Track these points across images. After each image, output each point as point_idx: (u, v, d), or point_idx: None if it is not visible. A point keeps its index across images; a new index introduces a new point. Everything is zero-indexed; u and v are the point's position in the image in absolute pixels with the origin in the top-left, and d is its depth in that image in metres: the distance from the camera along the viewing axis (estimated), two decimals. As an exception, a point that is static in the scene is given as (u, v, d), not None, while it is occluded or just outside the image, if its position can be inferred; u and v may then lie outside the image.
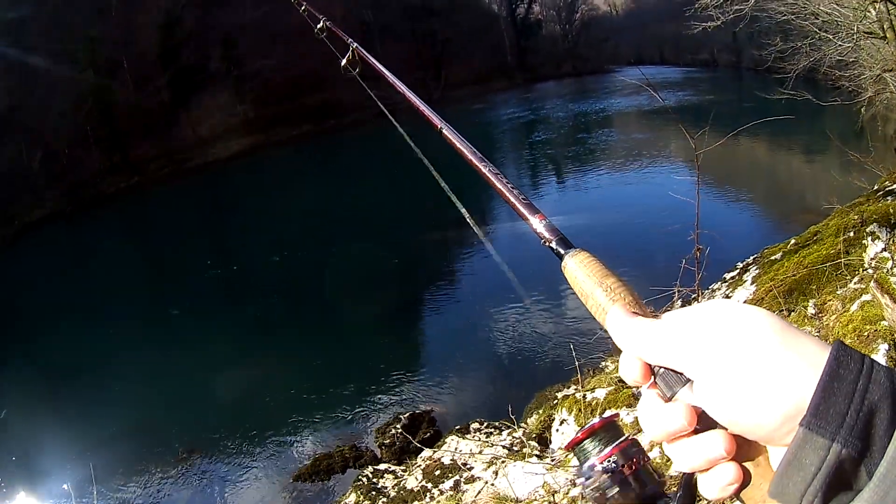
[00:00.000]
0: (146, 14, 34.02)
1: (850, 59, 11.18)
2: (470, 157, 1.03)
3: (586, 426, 0.63)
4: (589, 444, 0.63)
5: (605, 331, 0.63)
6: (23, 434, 9.85)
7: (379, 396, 9.18)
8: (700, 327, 0.54)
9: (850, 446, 0.44)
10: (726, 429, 0.52)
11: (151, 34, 34.18)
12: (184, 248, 19.56)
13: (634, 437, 0.62)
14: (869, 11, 8.67)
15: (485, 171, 0.96)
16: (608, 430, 0.63)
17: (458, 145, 1.09)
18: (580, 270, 0.69)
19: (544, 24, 69.88)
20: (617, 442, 0.62)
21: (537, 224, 0.81)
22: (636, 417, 0.60)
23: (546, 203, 19.25)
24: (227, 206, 26.91)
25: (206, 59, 36.73)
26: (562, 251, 0.74)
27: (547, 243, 0.78)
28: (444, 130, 1.20)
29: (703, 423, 0.53)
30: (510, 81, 58.17)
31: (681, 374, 0.55)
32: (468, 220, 1.44)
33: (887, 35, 8.48)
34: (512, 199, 0.88)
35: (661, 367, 0.57)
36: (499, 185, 0.91)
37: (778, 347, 0.50)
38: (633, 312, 0.62)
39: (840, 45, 10.54)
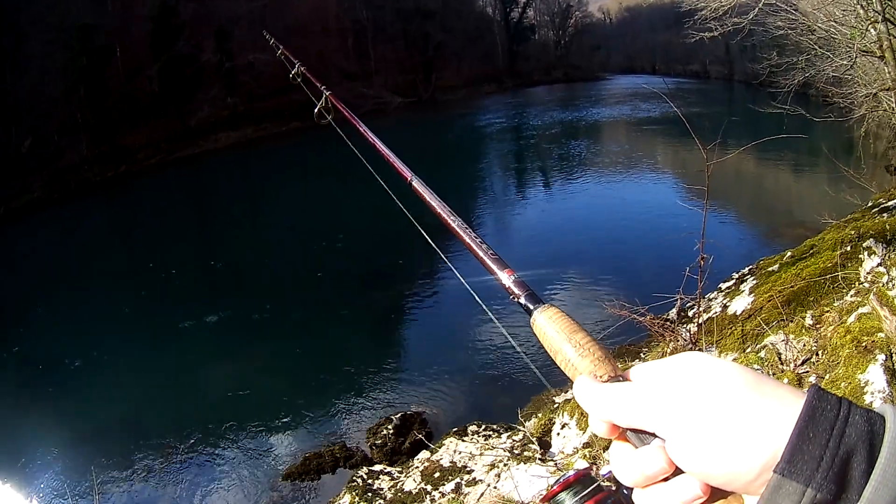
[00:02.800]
0: (142, 1, 33.73)
1: (845, 77, 11.34)
2: (439, 210, 1.03)
3: (561, 479, 0.64)
4: (565, 497, 0.63)
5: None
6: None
7: (369, 396, 9.12)
8: (670, 387, 0.53)
9: (825, 490, 0.44)
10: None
11: (146, 23, 33.87)
12: (170, 241, 19.30)
13: (610, 487, 0.62)
14: (869, 31, 8.79)
15: (454, 224, 0.96)
16: (583, 483, 0.63)
17: (428, 198, 1.09)
18: (549, 326, 0.68)
19: (537, 29, 70.22)
20: (593, 494, 0.62)
21: (506, 279, 0.80)
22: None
23: (539, 211, 19.34)
24: (215, 199, 26.74)
25: (199, 51, 36.49)
26: (531, 307, 0.73)
27: (516, 298, 0.77)
28: (413, 182, 1.19)
29: (676, 469, 0.52)
30: (501, 86, 58.46)
31: (653, 434, 0.54)
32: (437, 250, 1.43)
33: (885, 55, 8.60)
34: (480, 254, 0.87)
35: (630, 430, 0.56)
36: (467, 240, 0.91)
37: (753, 398, 0.49)
38: (601, 375, 0.61)
39: (837, 62, 10.68)
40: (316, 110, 2.09)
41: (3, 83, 26.66)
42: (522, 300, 0.75)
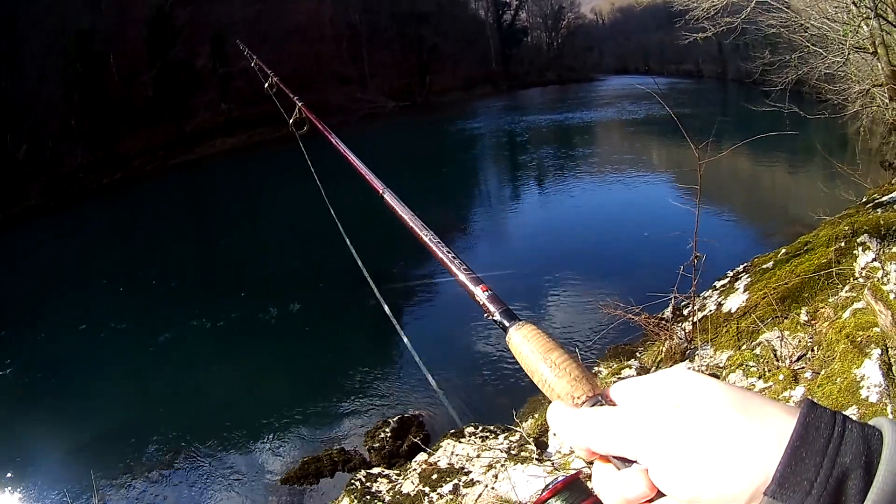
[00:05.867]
0: (137, 9, 33.71)
1: (839, 74, 11.38)
2: (411, 223, 1.00)
3: (550, 485, 0.62)
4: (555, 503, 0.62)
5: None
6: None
7: (366, 399, 9.11)
8: (651, 412, 0.51)
9: None
10: None
11: (141, 28, 33.86)
12: (169, 244, 19.32)
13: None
14: (861, 27, 8.83)
15: (426, 238, 0.94)
16: (572, 489, 0.62)
17: (400, 212, 1.06)
18: (524, 345, 0.66)
19: (530, 31, 70.46)
20: (583, 500, 0.61)
21: (480, 295, 0.78)
22: None
23: (533, 211, 19.37)
24: (213, 203, 26.72)
25: (194, 56, 36.49)
26: (506, 323, 0.70)
27: (490, 316, 0.74)
28: (385, 195, 1.16)
29: (659, 492, 0.50)
30: (494, 88, 58.67)
31: (634, 461, 0.52)
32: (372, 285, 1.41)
33: (878, 51, 8.64)
34: (454, 269, 0.85)
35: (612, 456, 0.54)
36: (440, 255, 0.89)
37: (739, 420, 0.47)
38: (578, 396, 0.58)
39: (830, 59, 10.72)
40: (290, 121, 2.08)
41: (-1, 87, 26.64)
42: (497, 317, 0.73)
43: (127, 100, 32.31)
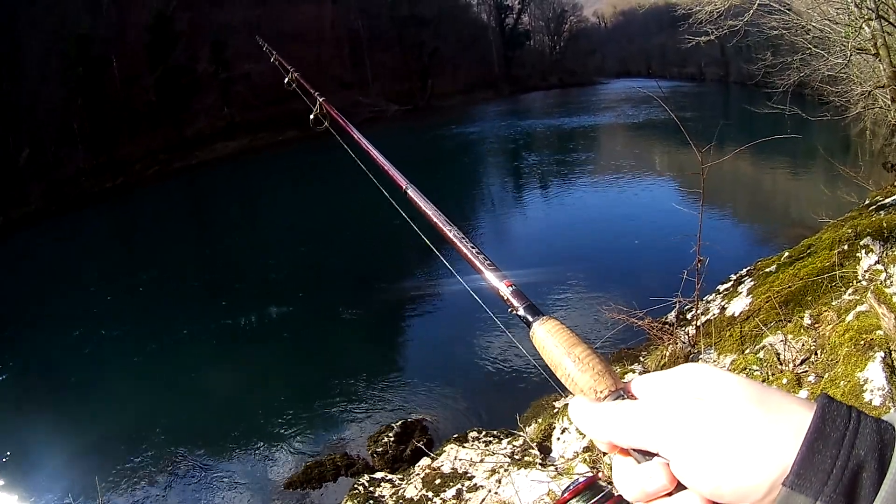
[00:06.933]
0: (138, 12, 33.75)
1: (841, 75, 11.38)
2: (435, 219, 1.01)
3: (571, 486, 0.63)
4: None
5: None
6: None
7: (369, 404, 9.08)
8: (672, 405, 0.52)
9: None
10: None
11: (141, 32, 33.91)
12: (169, 251, 19.31)
13: (619, 494, 0.60)
14: (863, 29, 8.83)
15: (450, 234, 0.95)
16: (593, 489, 0.63)
17: (423, 207, 1.07)
18: (548, 340, 0.66)
19: (533, 35, 70.54)
20: (603, 501, 0.62)
21: (504, 290, 0.78)
22: None
23: (536, 215, 19.36)
24: (213, 209, 26.74)
25: (195, 61, 36.54)
26: (529, 318, 0.71)
27: (514, 311, 0.74)
28: (409, 191, 1.17)
29: (679, 485, 0.51)
30: (496, 92, 58.69)
31: (655, 455, 0.53)
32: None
33: (879, 52, 8.64)
34: (477, 265, 0.85)
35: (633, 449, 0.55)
36: (464, 250, 0.89)
37: (758, 414, 0.48)
38: (600, 391, 0.59)
39: (832, 60, 10.72)
40: (312, 117, 2.09)
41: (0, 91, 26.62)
42: (521, 312, 0.73)
43: (127, 103, 32.32)
